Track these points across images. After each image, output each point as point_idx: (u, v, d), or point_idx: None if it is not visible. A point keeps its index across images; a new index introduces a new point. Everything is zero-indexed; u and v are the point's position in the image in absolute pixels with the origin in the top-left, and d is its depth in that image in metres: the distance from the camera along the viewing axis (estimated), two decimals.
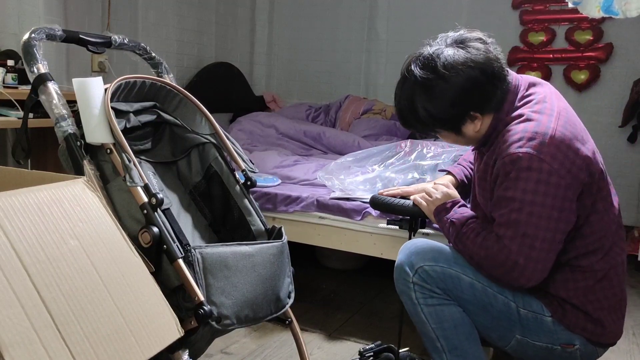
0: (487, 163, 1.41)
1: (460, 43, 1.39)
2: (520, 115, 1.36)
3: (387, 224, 1.77)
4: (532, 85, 1.44)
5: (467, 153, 1.81)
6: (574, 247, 1.36)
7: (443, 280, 1.39)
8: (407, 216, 1.65)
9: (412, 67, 1.40)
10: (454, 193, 1.53)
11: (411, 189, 1.65)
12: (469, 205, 1.52)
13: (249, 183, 1.62)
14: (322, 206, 2.26)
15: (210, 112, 1.64)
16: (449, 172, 1.73)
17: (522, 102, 1.40)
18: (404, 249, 1.47)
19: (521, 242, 1.27)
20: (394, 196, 1.66)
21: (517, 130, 1.33)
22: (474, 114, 1.39)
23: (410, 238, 1.64)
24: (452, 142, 1.53)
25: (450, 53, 1.36)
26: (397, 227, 1.72)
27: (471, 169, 1.73)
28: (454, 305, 1.41)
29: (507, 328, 1.40)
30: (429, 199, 1.53)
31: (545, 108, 1.36)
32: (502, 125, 1.39)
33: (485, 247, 1.33)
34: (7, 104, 2.24)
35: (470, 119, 1.41)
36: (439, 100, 1.38)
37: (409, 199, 1.61)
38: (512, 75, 1.44)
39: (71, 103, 1.38)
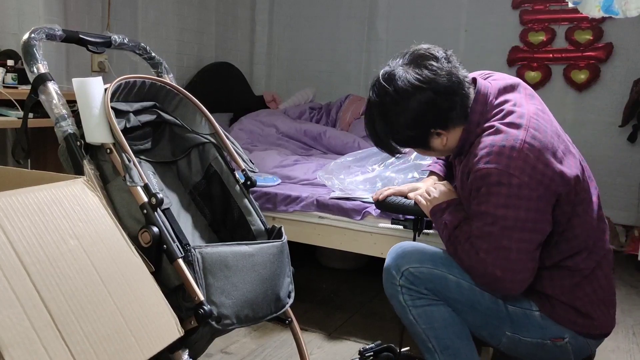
0: (463, 172, 1.42)
1: (413, 62, 1.38)
2: (491, 127, 1.35)
3: (392, 223, 1.76)
4: (502, 92, 1.42)
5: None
6: (559, 252, 1.36)
7: (430, 280, 1.40)
8: (412, 216, 1.65)
9: (370, 92, 1.43)
10: (453, 193, 1.53)
11: (404, 188, 1.66)
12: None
13: (249, 183, 1.62)
14: (322, 206, 2.26)
15: (210, 112, 1.64)
16: (432, 172, 1.73)
17: (492, 113, 1.39)
18: (391, 252, 1.48)
19: (496, 255, 1.28)
20: (389, 196, 1.66)
21: (486, 143, 1.32)
22: (436, 130, 1.39)
23: (414, 238, 1.65)
24: (425, 155, 1.54)
25: (402, 75, 1.36)
26: (402, 227, 1.71)
27: (445, 165, 1.75)
28: (443, 305, 1.41)
29: (497, 325, 1.40)
30: (428, 197, 1.54)
31: (514, 118, 1.34)
32: (474, 137, 1.38)
33: (468, 257, 1.34)
34: (7, 104, 2.24)
35: (435, 135, 1.41)
36: (396, 124, 1.39)
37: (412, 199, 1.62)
38: (480, 84, 1.41)
39: (71, 103, 1.38)
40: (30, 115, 1.46)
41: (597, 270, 1.38)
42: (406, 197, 1.66)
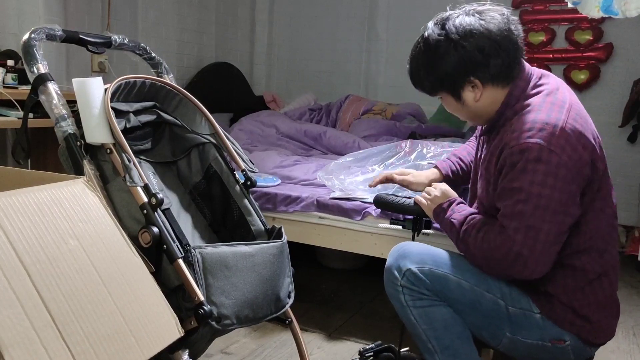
0: (493, 153, 1.41)
1: (479, 12, 1.40)
2: (530, 105, 1.36)
3: (391, 223, 1.76)
4: (544, 76, 1.45)
5: (459, 149, 1.82)
6: (568, 244, 1.35)
7: (431, 281, 1.40)
8: (411, 216, 1.65)
9: (429, 24, 1.45)
10: (451, 191, 1.53)
11: (393, 172, 1.72)
12: (465, 203, 1.52)
13: (249, 183, 1.62)
14: (322, 206, 2.26)
15: (210, 112, 1.64)
16: (435, 166, 1.75)
17: (534, 91, 1.40)
18: (392, 252, 1.48)
19: (525, 234, 1.27)
20: (379, 183, 1.72)
21: (527, 120, 1.32)
22: (473, 79, 1.39)
23: (413, 238, 1.65)
24: (453, 112, 1.51)
25: (464, 18, 1.38)
26: (401, 227, 1.71)
27: (459, 164, 1.75)
28: (444, 305, 1.41)
29: (497, 326, 1.40)
30: (429, 197, 1.54)
31: (557, 99, 1.36)
32: (511, 113, 1.39)
33: (487, 241, 1.33)
34: (7, 104, 2.24)
35: (470, 85, 1.40)
36: (441, 58, 1.39)
37: (411, 198, 1.62)
38: (525, 64, 1.44)
39: (71, 103, 1.38)
40: (30, 115, 1.46)
41: (602, 277, 1.38)
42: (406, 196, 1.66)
